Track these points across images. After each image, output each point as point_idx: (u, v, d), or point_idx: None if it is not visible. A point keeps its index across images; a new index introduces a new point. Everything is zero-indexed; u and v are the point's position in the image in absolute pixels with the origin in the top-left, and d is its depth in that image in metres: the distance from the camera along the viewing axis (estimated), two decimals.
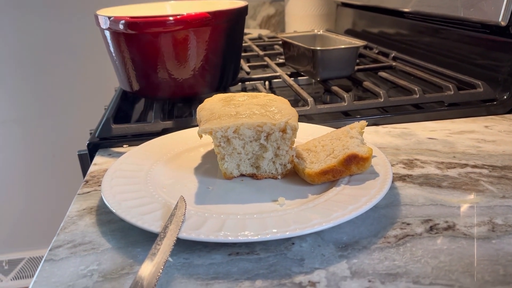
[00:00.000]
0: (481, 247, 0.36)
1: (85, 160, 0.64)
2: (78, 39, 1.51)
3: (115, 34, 0.65)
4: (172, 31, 0.62)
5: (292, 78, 0.82)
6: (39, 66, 1.52)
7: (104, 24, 0.65)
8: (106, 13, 0.70)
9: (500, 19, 0.63)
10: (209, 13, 0.63)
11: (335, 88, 0.72)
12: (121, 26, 0.62)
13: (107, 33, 0.67)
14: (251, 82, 0.85)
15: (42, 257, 1.73)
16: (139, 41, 0.64)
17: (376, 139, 0.59)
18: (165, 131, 0.62)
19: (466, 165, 0.50)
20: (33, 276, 1.65)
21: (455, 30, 0.78)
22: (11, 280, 1.76)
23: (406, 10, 0.90)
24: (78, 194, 0.48)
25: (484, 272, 0.33)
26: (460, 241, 0.37)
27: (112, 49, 0.68)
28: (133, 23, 0.61)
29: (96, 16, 0.67)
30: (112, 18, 0.63)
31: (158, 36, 0.62)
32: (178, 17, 0.61)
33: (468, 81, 0.70)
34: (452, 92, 0.67)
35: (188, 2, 0.86)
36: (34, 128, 1.59)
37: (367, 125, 0.64)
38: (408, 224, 0.40)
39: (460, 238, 0.37)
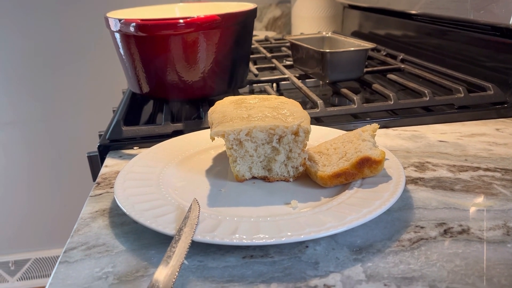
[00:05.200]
0: (496, 251, 0.36)
1: (95, 161, 0.64)
2: (85, 40, 1.51)
3: (126, 36, 0.65)
4: (182, 33, 0.62)
5: (300, 80, 0.82)
6: (46, 67, 1.53)
7: (115, 26, 0.65)
8: (116, 15, 0.70)
9: (511, 22, 0.63)
10: (219, 15, 0.63)
11: (344, 90, 0.72)
12: (131, 29, 0.62)
13: (117, 36, 0.67)
14: (259, 84, 0.85)
15: (48, 258, 1.74)
16: (149, 43, 0.64)
17: (387, 141, 0.59)
18: (175, 133, 0.62)
19: (478, 168, 0.50)
20: (39, 277, 1.65)
21: (464, 32, 0.78)
22: (17, 280, 1.77)
23: (413, 12, 0.90)
24: (90, 196, 0.49)
25: (500, 276, 0.33)
26: (475, 245, 0.37)
27: (122, 51, 0.68)
28: (144, 26, 0.61)
29: (106, 19, 0.67)
30: (122, 21, 0.63)
31: (168, 38, 0.63)
32: (188, 19, 0.61)
33: (478, 83, 0.70)
34: (462, 95, 0.67)
35: (196, 4, 0.86)
36: (41, 129, 1.60)
37: None
38: (422, 227, 0.39)
39: (475, 242, 0.37)
